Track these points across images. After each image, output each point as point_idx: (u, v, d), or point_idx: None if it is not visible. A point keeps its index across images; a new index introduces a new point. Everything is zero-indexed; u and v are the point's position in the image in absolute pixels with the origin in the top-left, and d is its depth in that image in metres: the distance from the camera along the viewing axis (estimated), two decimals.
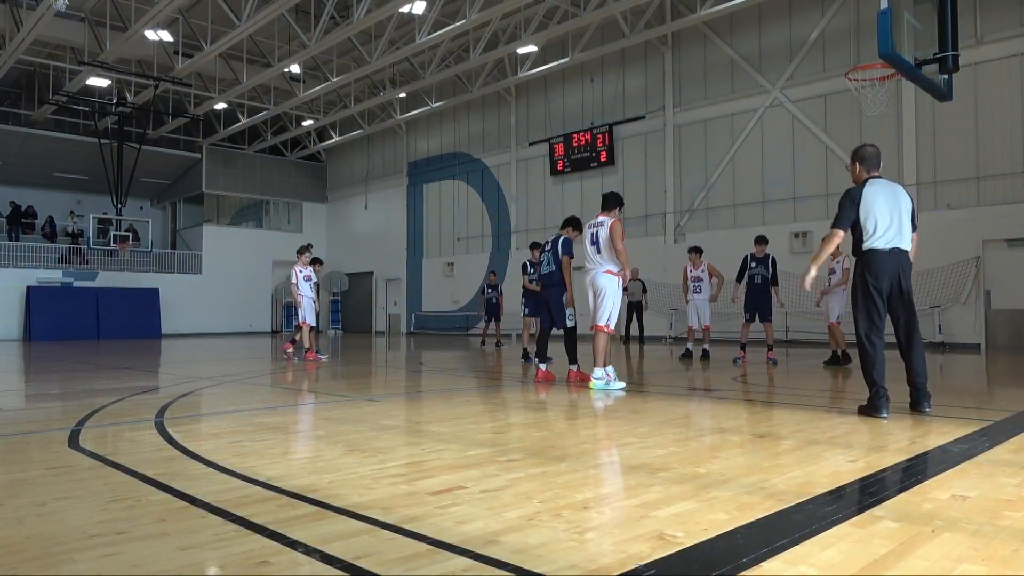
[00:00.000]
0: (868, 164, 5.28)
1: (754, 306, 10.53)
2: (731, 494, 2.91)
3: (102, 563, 2.14)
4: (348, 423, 5.24)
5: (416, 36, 18.14)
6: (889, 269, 5.00)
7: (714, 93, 18.82)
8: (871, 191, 5.10)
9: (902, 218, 5.06)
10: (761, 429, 4.61)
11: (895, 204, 5.07)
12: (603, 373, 7.01)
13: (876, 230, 5.03)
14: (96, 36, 19.64)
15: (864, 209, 5.06)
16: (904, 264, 5.03)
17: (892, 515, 2.59)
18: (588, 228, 7.37)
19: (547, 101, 22.88)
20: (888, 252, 5.01)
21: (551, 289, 7.90)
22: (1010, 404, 5.90)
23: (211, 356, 13.91)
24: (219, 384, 8.09)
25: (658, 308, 18.40)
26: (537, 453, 3.83)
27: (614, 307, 7.20)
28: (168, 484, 3.13)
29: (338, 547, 2.25)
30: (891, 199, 5.09)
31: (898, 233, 5.03)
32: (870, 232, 5.04)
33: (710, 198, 18.82)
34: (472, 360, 12.57)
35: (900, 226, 5.05)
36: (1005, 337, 14.34)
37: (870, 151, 5.32)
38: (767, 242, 10.72)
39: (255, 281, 29.63)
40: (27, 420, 5.50)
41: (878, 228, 5.02)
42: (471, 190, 25.49)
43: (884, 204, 5.05)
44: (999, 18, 14.45)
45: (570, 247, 7.83)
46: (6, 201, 27.20)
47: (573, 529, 2.45)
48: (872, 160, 5.28)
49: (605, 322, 7.17)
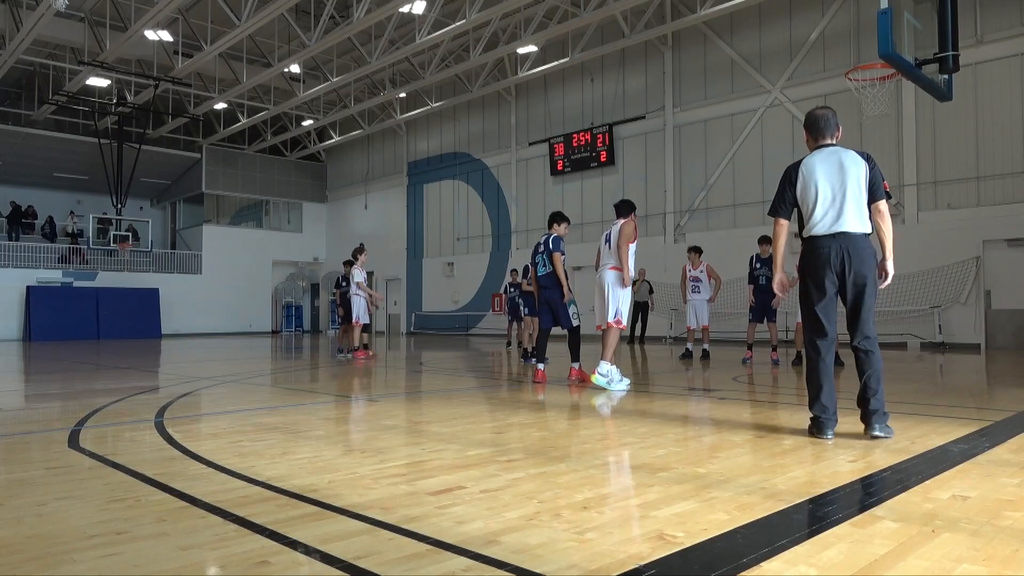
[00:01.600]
0: (814, 131, 4.33)
1: (760, 306, 10.52)
2: (731, 494, 2.91)
3: (102, 563, 2.14)
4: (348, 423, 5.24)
5: (416, 36, 18.14)
6: (829, 259, 4.10)
7: (714, 93, 18.82)
8: (808, 165, 4.22)
9: (847, 193, 4.08)
10: (761, 429, 4.61)
11: (839, 177, 4.12)
12: (608, 370, 7.02)
13: (814, 212, 4.15)
14: (96, 36, 19.63)
15: (800, 188, 4.22)
16: (851, 249, 4.07)
17: (892, 515, 2.59)
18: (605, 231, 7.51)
19: (547, 101, 22.88)
20: (829, 238, 4.11)
21: (551, 290, 7.85)
22: (1010, 404, 5.90)
23: (211, 356, 13.91)
24: (219, 384, 8.09)
25: (659, 308, 18.40)
26: (537, 453, 3.83)
27: (621, 303, 7.23)
28: (168, 484, 3.13)
29: (338, 547, 2.25)
30: (833, 171, 4.14)
31: (840, 213, 4.09)
32: (808, 215, 4.20)
33: (710, 198, 18.82)
34: (472, 360, 12.57)
35: (843, 204, 4.08)
36: (1005, 337, 14.34)
37: (817, 115, 4.34)
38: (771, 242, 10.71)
39: (255, 281, 29.64)
40: (27, 420, 5.50)
41: (816, 210, 4.14)
42: (471, 190, 25.50)
43: (824, 179, 4.14)
44: (999, 18, 14.45)
45: (560, 244, 7.81)
46: (6, 201, 27.20)
47: (573, 529, 2.45)
48: (820, 125, 4.30)
49: (614, 317, 7.20)
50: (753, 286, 10.55)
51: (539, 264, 7.97)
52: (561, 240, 7.86)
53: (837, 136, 4.32)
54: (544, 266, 7.89)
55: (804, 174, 4.23)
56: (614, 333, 7.19)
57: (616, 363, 7.24)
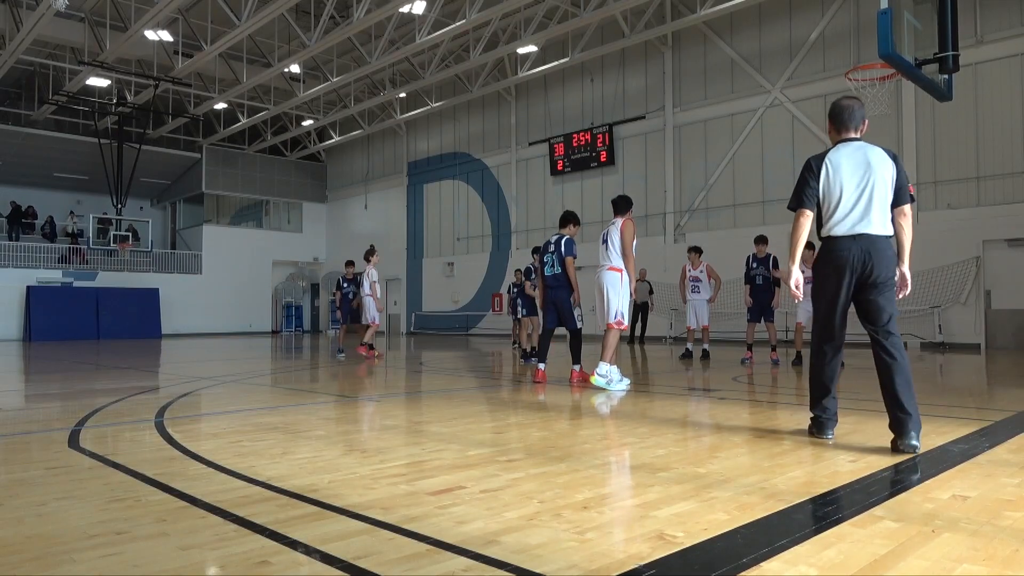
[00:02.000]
0: (838, 123, 4.11)
1: (758, 306, 10.51)
2: (731, 494, 2.91)
3: (102, 563, 2.14)
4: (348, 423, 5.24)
5: (416, 36, 18.14)
6: (850, 261, 3.87)
7: (714, 93, 18.82)
8: (834, 159, 3.99)
9: (874, 193, 3.88)
10: (761, 429, 4.61)
11: (864, 175, 3.90)
12: (607, 370, 7.02)
13: (836, 210, 3.93)
14: (96, 36, 19.63)
15: (824, 183, 3.98)
16: (874, 252, 3.85)
17: (892, 515, 2.59)
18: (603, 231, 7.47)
19: (547, 101, 22.88)
20: (850, 239, 3.89)
21: (558, 291, 7.79)
22: (1010, 404, 5.90)
23: (211, 356, 13.91)
24: (219, 384, 8.09)
25: (658, 308, 18.39)
26: (537, 453, 3.83)
27: (620, 303, 7.22)
28: (168, 484, 3.13)
29: (338, 547, 2.25)
30: (859, 168, 3.92)
31: (865, 214, 3.88)
32: (829, 213, 3.97)
33: (710, 198, 18.82)
34: (472, 360, 12.57)
35: (869, 204, 3.87)
36: (1005, 337, 14.34)
37: (843, 105, 4.12)
38: (767, 242, 10.69)
39: (255, 281, 29.64)
40: (27, 420, 5.50)
41: (839, 208, 3.92)
42: (471, 190, 25.50)
43: (849, 175, 3.92)
44: (999, 18, 14.46)
45: (572, 247, 7.77)
46: (6, 201, 27.20)
47: (573, 529, 2.45)
48: (844, 117, 4.08)
49: (614, 318, 7.20)
50: (750, 286, 10.55)
51: (547, 264, 7.89)
52: (575, 244, 7.82)
53: (862, 129, 4.09)
54: (552, 267, 7.81)
55: (829, 168, 3.97)
56: (614, 334, 7.19)
57: (616, 363, 7.25)
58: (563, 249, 7.73)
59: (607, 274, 7.25)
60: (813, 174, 4.01)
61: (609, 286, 7.22)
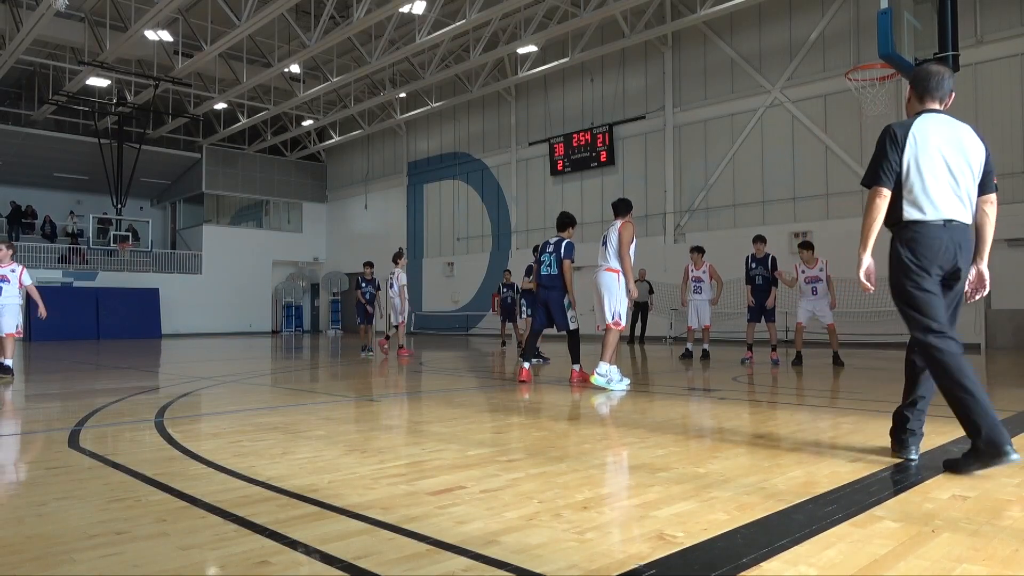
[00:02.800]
0: (922, 90, 3.47)
1: (758, 306, 10.51)
2: (731, 494, 2.91)
3: (102, 563, 2.14)
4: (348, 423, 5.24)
5: (416, 36, 18.14)
6: (939, 252, 3.31)
7: (714, 93, 18.82)
8: (921, 130, 3.33)
9: (964, 175, 3.34)
10: (761, 429, 4.61)
11: (960, 156, 3.33)
12: (607, 370, 7.03)
13: (925, 191, 3.30)
14: (96, 36, 19.63)
15: (910, 157, 3.31)
16: (964, 244, 3.36)
17: (892, 515, 2.59)
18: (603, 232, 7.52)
19: (547, 101, 22.88)
20: (939, 227, 3.31)
21: (552, 291, 7.82)
22: (1010, 404, 5.89)
23: (211, 356, 13.91)
24: (219, 384, 8.09)
25: (659, 308, 18.39)
26: (537, 453, 3.83)
27: (619, 304, 7.24)
28: (168, 484, 3.13)
29: (338, 547, 2.25)
30: (954, 147, 3.33)
31: (956, 197, 3.33)
32: (914, 193, 3.32)
33: (710, 198, 18.82)
34: (472, 360, 12.57)
35: (958, 187, 3.33)
36: (1005, 337, 14.33)
37: (931, 70, 3.49)
38: (765, 241, 10.69)
39: (255, 281, 29.64)
40: (27, 420, 5.50)
41: (929, 189, 3.30)
42: (471, 190, 25.50)
43: (943, 154, 3.30)
44: (999, 18, 14.45)
45: (571, 251, 7.77)
46: (6, 201, 27.20)
47: (573, 529, 2.45)
48: (932, 84, 3.44)
49: (612, 319, 7.22)
50: (750, 286, 10.55)
51: (544, 264, 7.89)
52: (573, 247, 7.83)
53: (947, 103, 3.50)
54: (548, 267, 7.82)
55: (916, 140, 3.32)
56: (613, 334, 7.21)
57: (616, 363, 7.25)
58: (562, 252, 7.75)
59: (604, 275, 7.29)
60: (897, 145, 3.34)
61: (605, 287, 7.26)
